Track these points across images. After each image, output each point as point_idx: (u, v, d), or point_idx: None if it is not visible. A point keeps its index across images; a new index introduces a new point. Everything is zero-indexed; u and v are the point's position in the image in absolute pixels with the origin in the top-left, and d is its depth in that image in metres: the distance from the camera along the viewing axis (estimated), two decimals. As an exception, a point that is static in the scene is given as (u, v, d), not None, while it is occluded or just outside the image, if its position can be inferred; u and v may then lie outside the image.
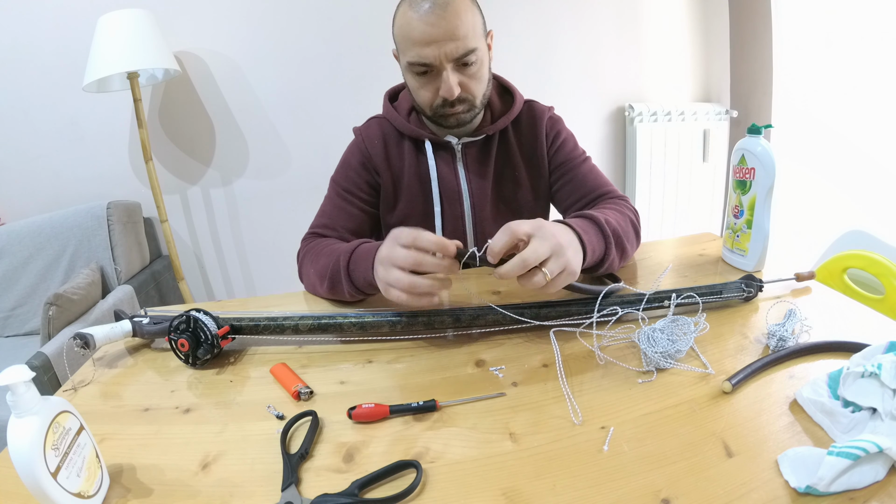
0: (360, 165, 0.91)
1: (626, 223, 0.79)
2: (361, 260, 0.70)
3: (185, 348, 0.61)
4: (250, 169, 1.93)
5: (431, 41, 0.74)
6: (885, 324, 0.62)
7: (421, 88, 0.81)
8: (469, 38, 0.76)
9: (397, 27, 0.79)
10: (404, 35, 0.77)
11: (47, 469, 0.37)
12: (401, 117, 0.90)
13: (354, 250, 0.72)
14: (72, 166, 1.80)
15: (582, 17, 2.01)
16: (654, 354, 0.56)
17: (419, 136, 0.88)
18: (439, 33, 0.74)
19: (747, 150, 0.74)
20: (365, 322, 0.64)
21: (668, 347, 0.56)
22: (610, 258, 0.71)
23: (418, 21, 0.74)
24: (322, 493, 0.41)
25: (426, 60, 0.76)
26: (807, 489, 0.38)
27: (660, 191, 2.18)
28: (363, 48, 1.85)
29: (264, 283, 2.08)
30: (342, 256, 0.73)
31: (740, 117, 2.16)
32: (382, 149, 0.90)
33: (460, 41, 0.75)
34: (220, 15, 1.74)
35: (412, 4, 0.75)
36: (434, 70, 0.78)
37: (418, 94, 0.82)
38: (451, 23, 0.73)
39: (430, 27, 0.73)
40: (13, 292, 1.63)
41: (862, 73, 1.85)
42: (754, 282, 0.69)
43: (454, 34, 0.74)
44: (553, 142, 0.93)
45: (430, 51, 0.75)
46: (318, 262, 0.79)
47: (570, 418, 0.49)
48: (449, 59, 0.76)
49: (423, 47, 0.75)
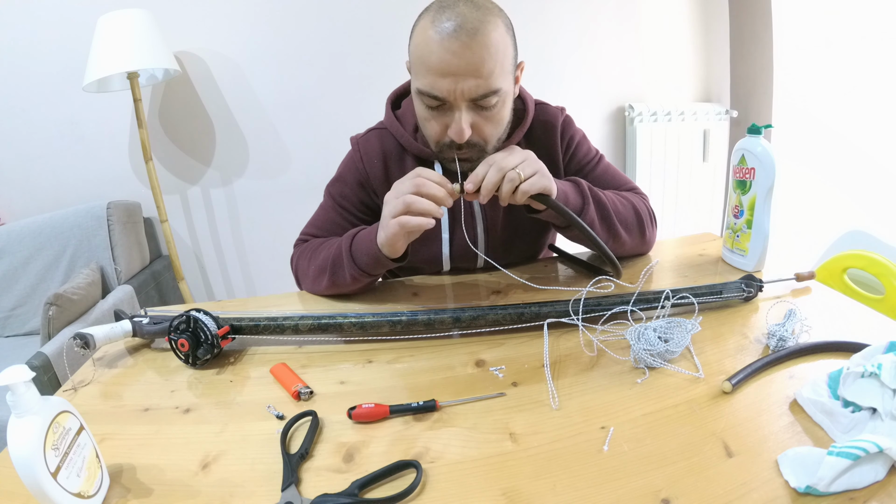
0: (357, 184, 0.85)
1: (623, 205, 0.78)
2: (363, 239, 0.71)
3: (185, 348, 0.61)
4: (250, 169, 1.93)
5: (448, 73, 0.63)
6: (885, 324, 0.62)
7: (429, 120, 0.71)
8: (493, 78, 0.65)
9: (414, 44, 0.67)
10: (420, 57, 0.66)
11: (47, 469, 0.37)
12: (406, 133, 0.81)
13: (356, 234, 0.74)
14: (72, 166, 1.80)
15: (582, 17, 2.01)
16: (642, 352, 0.56)
17: (427, 156, 0.81)
18: (460, 66, 0.63)
19: (747, 150, 0.74)
20: (365, 322, 0.64)
21: (657, 346, 0.56)
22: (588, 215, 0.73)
23: (438, 46, 0.63)
24: (322, 493, 0.41)
25: (439, 94, 0.65)
26: (807, 489, 0.38)
27: (660, 191, 2.18)
28: (363, 48, 1.85)
29: (264, 283, 2.08)
30: (343, 242, 0.74)
31: (740, 117, 2.16)
32: (382, 168, 0.83)
33: (482, 80, 0.64)
34: (220, 15, 1.74)
35: (435, 21, 0.63)
36: (446, 105, 0.67)
37: (425, 125, 0.73)
38: (477, 55, 0.62)
39: (450, 56, 0.62)
40: (13, 292, 1.63)
41: (862, 73, 1.85)
42: (754, 282, 0.69)
43: (477, 70, 0.63)
44: (567, 147, 0.88)
45: (446, 84, 0.64)
46: (317, 258, 0.78)
47: (571, 418, 0.49)
48: (465, 97, 0.65)
49: (438, 78, 0.64)
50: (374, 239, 0.70)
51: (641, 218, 0.82)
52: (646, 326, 0.59)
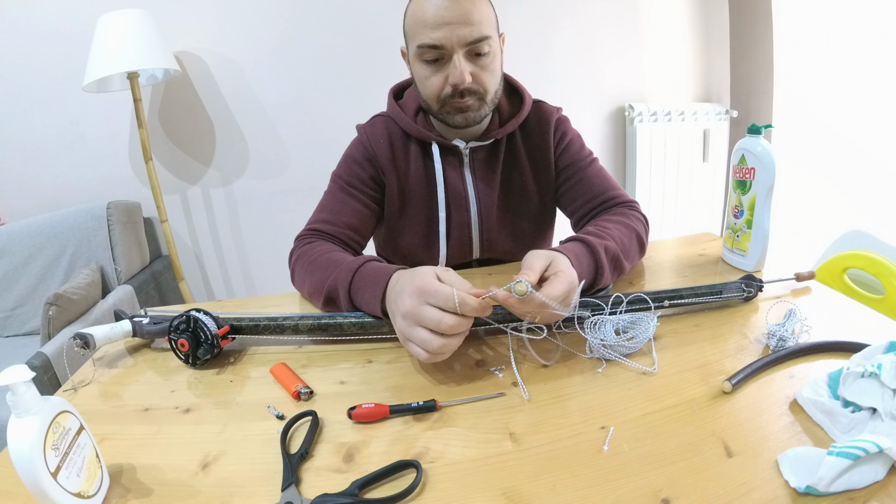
0: (366, 160, 0.87)
1: (630, 239, 0.77)
2: (369, 285, 0.64)
3: (185, 348, 0.61)
4: (250, 169, 1.93)
5: (444, 23, 0.73)
6: (885, 324, 0.62)
7: (429, 77, 0.78)
8: (483, 25, 0.74)
9: (409, 15, 0.77)
10: (416, 19, 0.76)
11: (47, 469, 0.37)
12: (407, 117, 0.86)
13: (357, 270, 0.67)
14: (72, 166, 1.80)
15: (582, 17, 2.01)
16: (595, 341, 0.57)
17: (426, 138, 0.85)
18: (453, 16, 0.73)
19: (747, 150, 0.74)
20: (365, 322, 0.64)
21: (610, 339, 0.57)
22: (601, 282, 0.70)
23: (431, 4, 0.73)
24: (322, 493, 0.41)
25: (437, 42, 0.74)
26: (807, 489, 0.38)
27: (660, 191, 2.18)
28: (364, 48, 1.85)
29: (264, 283, 2.08)
30: (342, 275, 0.68)
31: (740, 117, 2.16)
32: (388, 149, 0.87)
33: (474, 26, 0.74)
34: (220, 15, 1.74)
35: None
36: (444, 57, 0.76)
37: (426, 84, 0.79)
38: (466, 7, 0.73)
39: (443, 10, 0.73)
40: (13, 292, 1.63)
41: (862, 73, 1.85)
42: (754, 282, 0.69)
43: (468, 18, 0.73)
44: (559, 143, 0.90)
45: (442, 33, 0.73)
46: (313, 275, 0.74)
47: (571, 417, 0.49)
48: (461, 43, 0.74)
49: (435, 30, 0.73)
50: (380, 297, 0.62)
51: (642, 242, 0.81)
52: (605, 319, 0.61)
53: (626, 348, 0.58)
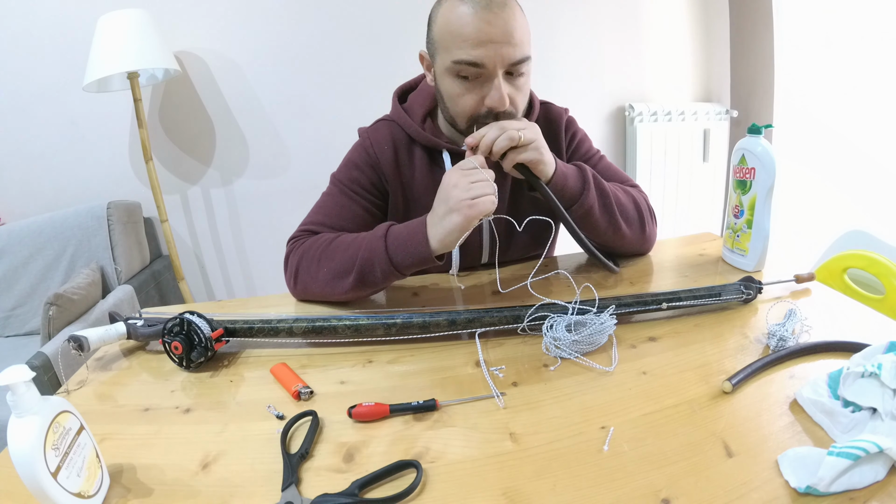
0: (369, 167, 0.84)
1: (625, 196, 0.78)
2: (407, 237, 0.68)
3: (178, 351, 0.60)
4: (250, 169, 1.93)
5: (488, 41, 0.67)
6: (885, 324, 0.62)
7: (462, 95, 0.72)
8: (524, 45, 0.70)
9: (441, 23, 0.70)
10: (453, 31, 0.69)
11: (47, 469, 0.37)
12: (414, 123, 0.82)
13: (387, 233, 0.70)
14: (72, 166, 1.80)
15: (582, 17, 2.01)
16: (549, 339, 0.59)
17: (436, 145, 0.82)
18: (497, 34, 0.67)
19: (747, 150, 0.74)
20: (360, 325, 0.64)
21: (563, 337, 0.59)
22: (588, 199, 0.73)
23: (473, 17, 0.67)
24: (322, 493, 0.41)
25: (479, 61, 0.68)
26: (807, 489, 0.38)
27: (660, 191, 2.18)
28: (364, 48, 1.85)
29: (264, 283, 2.08)
30: (373, 244, 0.70)
31: (740, 117, 2.16)
32: (392, 155, 0.83)
33: (517, 46, 0.69)
34: (220, 15, 1.74)
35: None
36: (483, 75, 0.70)
37: (457, 101, 0.73)
38: (510, 24, 0.67)
39: (487, 25, 0.66)
40: (13, 292, 1.63)
41: (862, 73, 1.85)
42: (753, 284, 0.69)
43: (512, 37, 0.68)
44: (570, 144, 0.89)
45: (485, 52, 0.67)
46: (332, 260, 0.73)
47: (571, 418, 0.49)
48: (504, 63, 0.69)
49: (477, 47, 0.67)
50: (418, 235, 0.67)
51: (642, 212, 0.82)
52: (560, 319, 0.61)
53: (585, 346, 0.59)
